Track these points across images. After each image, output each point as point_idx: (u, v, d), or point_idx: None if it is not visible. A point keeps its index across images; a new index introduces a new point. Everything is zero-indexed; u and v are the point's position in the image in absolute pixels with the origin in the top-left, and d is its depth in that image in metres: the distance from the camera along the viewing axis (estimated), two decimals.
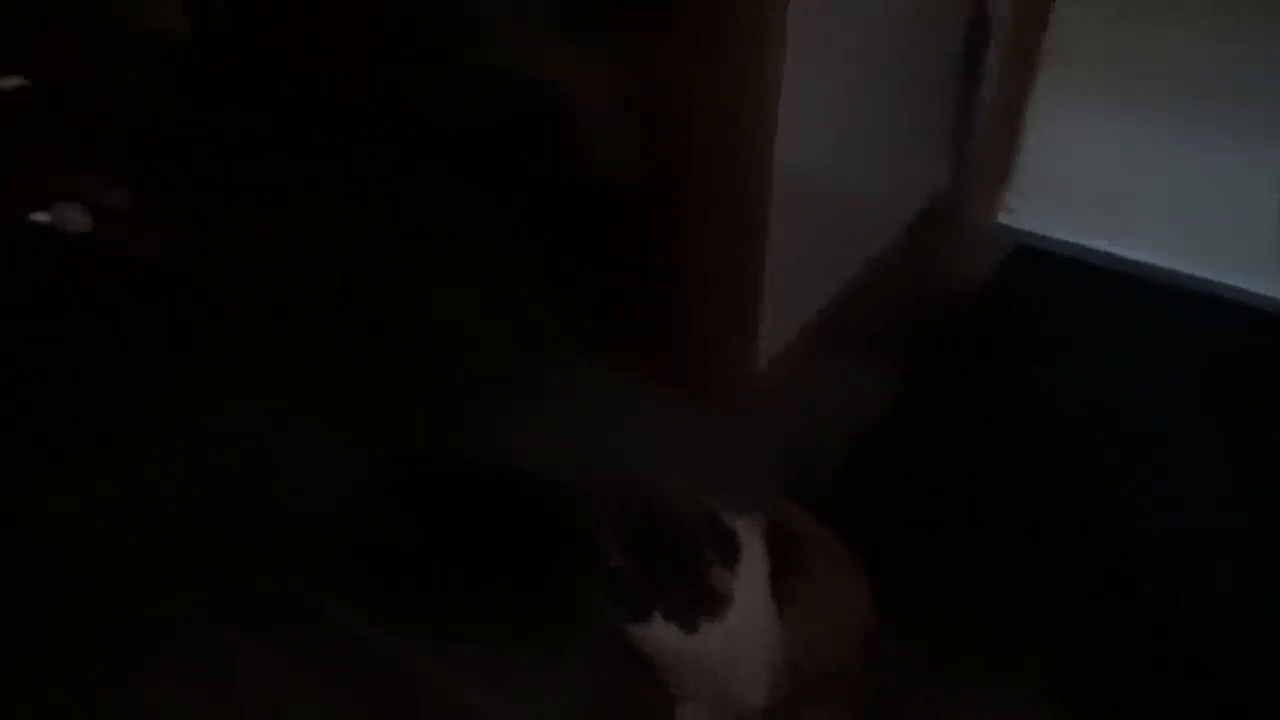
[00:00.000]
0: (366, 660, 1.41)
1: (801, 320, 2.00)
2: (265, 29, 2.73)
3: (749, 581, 1.13)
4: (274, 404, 1.85)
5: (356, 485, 1.66)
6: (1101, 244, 2.34)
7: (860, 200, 2.09)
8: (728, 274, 1.73)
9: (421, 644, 1.41)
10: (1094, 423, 1.91)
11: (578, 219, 2.43)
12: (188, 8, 2.78)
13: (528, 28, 2.44)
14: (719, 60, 1.55)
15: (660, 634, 1.09)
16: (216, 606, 1.49)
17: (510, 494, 1.59)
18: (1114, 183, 2.32)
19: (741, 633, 1.13)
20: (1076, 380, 2.02)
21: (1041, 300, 2.25)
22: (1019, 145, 2.39)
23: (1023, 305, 2.23)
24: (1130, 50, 2.18)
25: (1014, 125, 2.36)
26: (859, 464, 1.79)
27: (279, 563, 1.55)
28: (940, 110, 2.34)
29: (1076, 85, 2.27)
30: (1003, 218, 2.44)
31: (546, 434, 1.78)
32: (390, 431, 1.80)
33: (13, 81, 1.61)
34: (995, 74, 2.31)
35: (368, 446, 1.75)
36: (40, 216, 2.03)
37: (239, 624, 1.46)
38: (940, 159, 2.42)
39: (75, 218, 2.05)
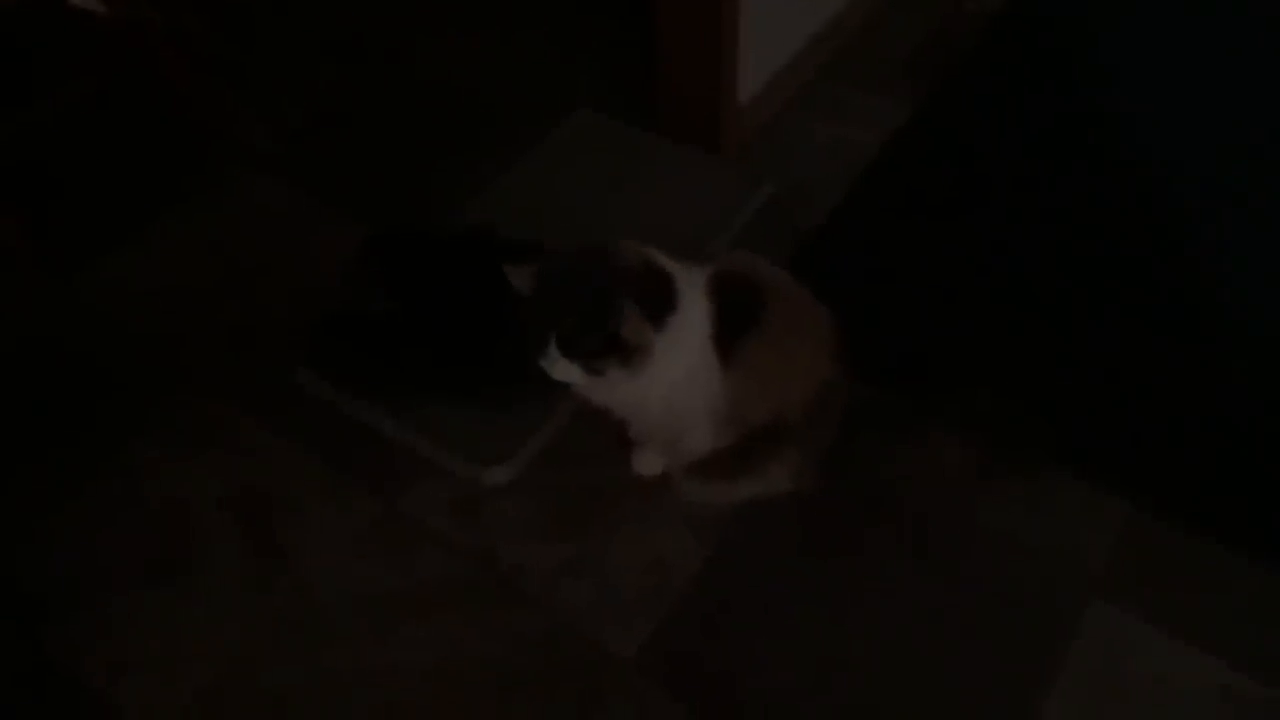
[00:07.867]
0: (335, 427, 1.44)
1: (786, 55, 1.80)
2: None
3: (687, 332, 1.09)
4: (274, 176, 1.81)
5: (340, 256, 1.62)
6: None
7: None
8: (698, 8, 1.56)
9: (388, 409, 1.42)
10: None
11: None
12: None
13: None
14: None
15: (565, 373, 1.07)
16: (203, 380, 1.52)
17: (484, 256, 1.53)
18: None
19: (679, 381, 1.12)
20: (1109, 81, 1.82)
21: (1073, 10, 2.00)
22: None
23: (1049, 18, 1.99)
24: None
25: None
26: (849, 206, 1.66)
27: (264, 337, 1.56)
28: None
29: None
30: None
31: (529, 189, 1.71)
32: (381, 197, 1.75)
33: None
34: None
35: (352, 211, 1.71)
36: None
37: (223, 397, 1.50)
38: None
39: None
